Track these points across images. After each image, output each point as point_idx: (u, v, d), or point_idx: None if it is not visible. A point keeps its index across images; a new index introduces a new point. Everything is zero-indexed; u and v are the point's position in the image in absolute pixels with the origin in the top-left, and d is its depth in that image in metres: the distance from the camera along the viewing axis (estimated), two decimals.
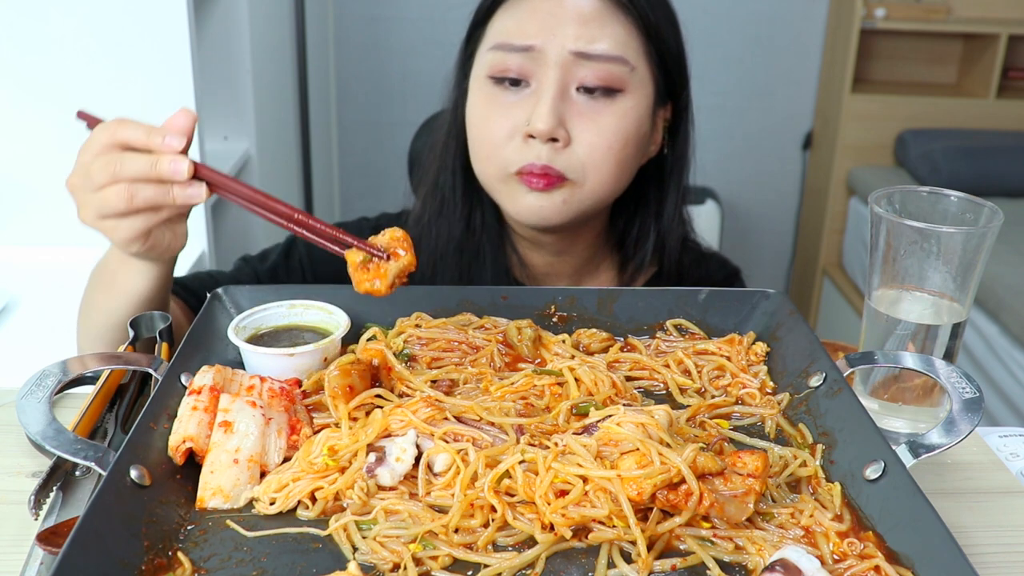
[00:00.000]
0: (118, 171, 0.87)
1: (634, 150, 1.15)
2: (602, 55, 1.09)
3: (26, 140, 1.62)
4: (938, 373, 0.84)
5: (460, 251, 1.23)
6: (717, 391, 0.90)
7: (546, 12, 1.10)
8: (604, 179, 1.13)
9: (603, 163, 1.12)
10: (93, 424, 0.87)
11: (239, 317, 0.92)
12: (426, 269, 1.23)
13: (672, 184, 1.24)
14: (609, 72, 1.10)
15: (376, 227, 1.33)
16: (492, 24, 1.16)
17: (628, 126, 1.12)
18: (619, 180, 1.16)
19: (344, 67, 3.48)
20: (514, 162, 1.11)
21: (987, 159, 3.28)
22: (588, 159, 1.11)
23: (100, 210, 0.90)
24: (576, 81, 1.10)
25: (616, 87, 1.11)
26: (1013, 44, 3.47)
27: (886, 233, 0.91)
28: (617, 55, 1.10)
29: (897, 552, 0.68)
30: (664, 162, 1.23)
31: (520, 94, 1.12)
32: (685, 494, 0.69)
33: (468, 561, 0.68)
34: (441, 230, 1.23)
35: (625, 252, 1.27)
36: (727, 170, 3.63)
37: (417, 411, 0.77)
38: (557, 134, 1.09)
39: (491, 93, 1.14)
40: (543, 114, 1.08)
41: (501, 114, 1.12)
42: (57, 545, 0.66)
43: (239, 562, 0.67)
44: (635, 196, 1.22)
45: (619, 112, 1.12)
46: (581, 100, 1.11)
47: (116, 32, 1.56)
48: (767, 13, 3.55)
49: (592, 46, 1.09)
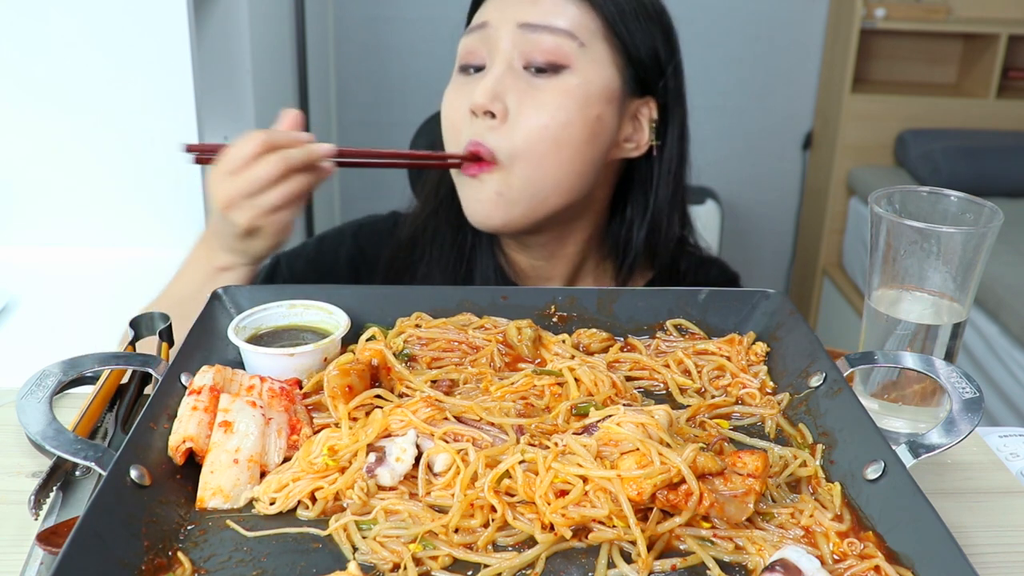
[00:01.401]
0: (284, 158, 1.01)
1: (581, 135, 1.09)
2: (547, 26, 1.08)
3: (26, 140, 1.62)
4: (938, 373, 0.84)
5: (455, 253, 1.23)
6: (717, 391, 0.90)
7: None
8: (540, 164, 1.08)
9: (539, 144, 1.07)
10: (93, 424, 0.87)
11: (239, 317, 0.92)
12: (423, 271, 1.23)
13: (661, 185, 1.20)
14: (556, 46, 1.08)
15: (361, 227, 1.34)
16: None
17: (571, 104, 1.08)
18: (561, 167, 1.09)
19: (344, 67, 3.48)
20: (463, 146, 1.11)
21: (987, 159, 3.28)
22: (522, 139, 1.08)
23: (254, 182, 1.01)
24: (523, 58, 1.09)
25: (561, 63, 1.08)
26: (1013, 44, 3.47)
27: (886, 233, 0.91)
28: (563, 28, 1.09)
29: (897, 552, 0.68)
30: (654, 163, 1.20)
31: (478, 77, 1.12)
32: (685, 494, 0.69)
33: (468, 561, 0.67)
34: (439, 229, 1.23)
35: (617, 258, 1.25)
36: (727, 170, 3.63)
37: (417, 411, 0.77)
38: (494, 108, 1.07)
39: (457, 81, 1.15)
40: (482, 87, 1.08)
41: (458, 97, 1.13)
42: (57, 545, 0.66)
43: (239, 562, 0.67)
44: (626, 199, 1.21)
45: (561, 88, 1.08)
46: (526, 77, 1.09)
47: (116, 32, 1.56)
48: (767, 13, 3.55)
49: (539, 18, 1.09)
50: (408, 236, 1.26)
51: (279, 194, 1.01)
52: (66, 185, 1.63)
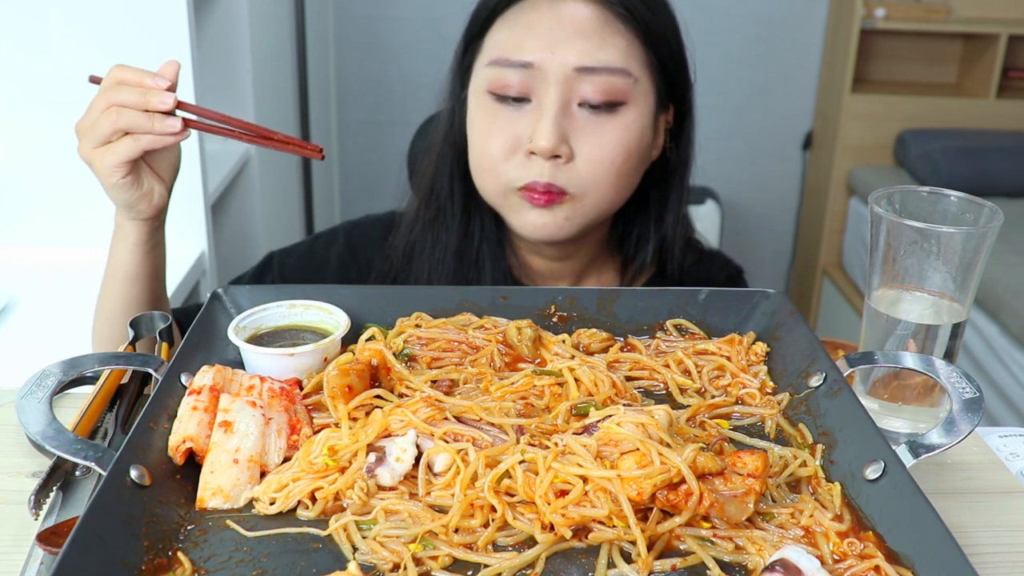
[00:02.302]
0: (111, 98, 1.00)
1: (636, 162, 1.15)
2: (604, 67, 1.08)
3: (26, 140, 1.62)
4: (938, 373, 0.84)
5: (459, 258, 1.22)
6: (717, 391, 0.90)
7: (545, 27, 1.09)
8: (606, 193, 1.13)
9: (605, 177, 1.12)
10: (93, 424, 0.87)
11: (239, 317, 0.92)
12: (422, 276, 1.22)
13: (675, 186, 1.23)
14: (611, 85, 1.09)
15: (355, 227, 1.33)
16: (489, 36, 1.14)
17: (630, 139, 1.12)
18: (621, 192, 1.16)
19: (344, 67, 3.48)
20: (516, 179, 1.11)
21: (987, 159, 3.28)
22: (590, 174, 1.11)
23: (92, 139, 1.01)
24: (578, 97, 1.10)
25: (618, 100, 1.10)
26: (1013, 44, 3.47)
27: (886, 233, 0.91)
28: (620, 67, 1.09)
29: (897, 552, 0.68)
30: (666, 164, 1.22)
31: (521, 110, 1.11)
32: (685, 494, 0.69)
33: (468, 561, 0.67)
34: (439, 237, 1.22)
35: (626, 254, 1.27)
36: (727, 170, 3.63)
37: (417, 411, 0.77)
38: (560, 151, 1.09)
39: (492, 109, 1.13)
40: (545, 132, 1.07)
41: (502, 130, 1.11)
42: (57, 545, 0.66)
43: (239, 562, 0.67)
44: (636, 199, 1.22)
45: (621, 126, 1.11)
46: (583, 115, 1.10)
47: (116, 32, 1.56)
48: (767, 13, 3.55)
49: (594, 59, 1.08)
50: (404, 244, 1.25)
51: (100, 127, 1.00)
52: (66, 185, 1.64)
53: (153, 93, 0.99)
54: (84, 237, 1.65)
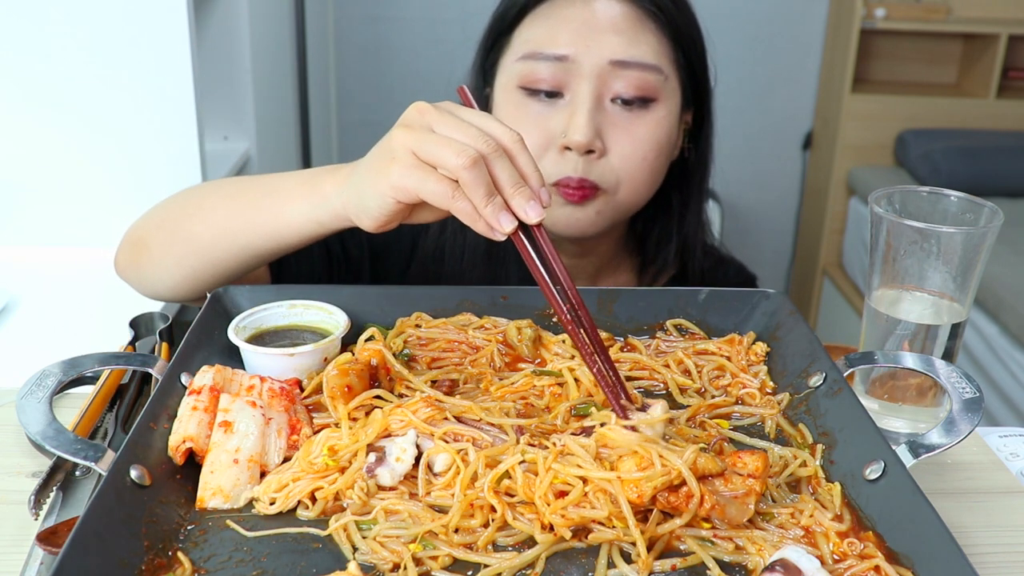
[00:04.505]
0: (488, 158, 0.79)
1: (665, 159, 1.17)
2: (638, 63, 1.10)
3: (26, 140, 1.62)
4: (938, 373, 0.84)
5: (488, 256, 1.22)
6: (717, 391, 0.90)
7: (580, 21, 1.10)
8: (637, 188, 1.14)
9: (637, 173, 1.13)
10: (93, 424, 0.87)
11: (239, 317, 0.92)
12: (452, 279, 1.23)
13: (695, 187, 1.25)
14: (644, 81, 1.10)
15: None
16: (519, 33, 1.15)
17: (661, 135, 1.13)
18: (651, 188, 1.17)
19: (344, 67, 3.48)
20: (550, 174, 1.11)
21: (987, 159, 3.28)
22: (623, 169, 1.12)
23: (421, 167, 0.81)
24: (611, 92, 1.11)
25: (651, 96, 1.12)
26: (1013, 44, 3.47)
27: (886, 233, 0.91)
28: (652, 63, 1.11)
29: (897, 552, 0.68)
30: (684, 165, 1.23)
31: (554, 105, 1.12)
32: (686, 496, 0.69)
33: (468, 561, 0.67)
34: (469, 239, 1.22)
35: (645, 254, 1.27)
36: (727, 170, 3.59)
37: (417, 411, 0.77)
38: (594, 146, 1.09)
39: (523, 103, 1.13)
40: (580, 126, 1.08)
41: (535, 125, 1.12)
42: (57, 545, 0.66)
43: (239, 562, 0.67)
44: (655, 199, 1.22)
45: (653, 121, 1.12)
46: (616, 111, 1.11)
47: (116, 33, 1.56)
48: (767, 13, 3.55)
49: (628, 54, 1.09)
50: (435, 247, 1.24)
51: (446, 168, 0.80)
52: (66, 185, 1.63)
53: (524, 193, 0.80)
54: (84, 237, 1.65)
